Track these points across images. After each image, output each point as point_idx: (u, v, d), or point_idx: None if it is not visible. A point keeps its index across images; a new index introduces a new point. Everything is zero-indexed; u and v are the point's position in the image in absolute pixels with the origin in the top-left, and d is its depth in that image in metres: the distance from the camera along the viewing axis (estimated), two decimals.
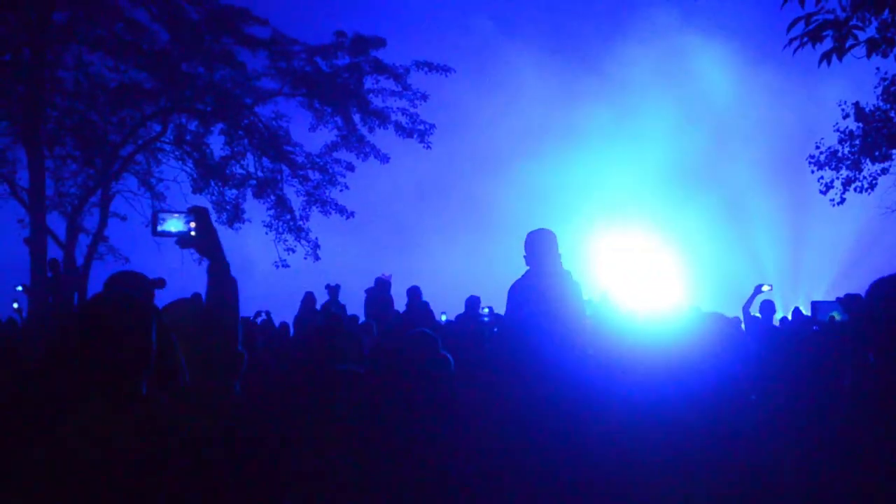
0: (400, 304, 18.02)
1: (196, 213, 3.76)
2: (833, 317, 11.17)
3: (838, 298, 11.15)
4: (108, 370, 3.34)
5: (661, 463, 5.06)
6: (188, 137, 26.34)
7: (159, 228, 3.76)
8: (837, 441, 4.63)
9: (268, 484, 4.10)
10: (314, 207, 26.91)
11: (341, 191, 26.95)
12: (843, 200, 26.67)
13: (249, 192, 26.87)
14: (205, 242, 3.76)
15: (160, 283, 5.35)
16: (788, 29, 8.88)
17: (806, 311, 14.83)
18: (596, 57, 47.26)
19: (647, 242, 27.98)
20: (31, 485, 3.10)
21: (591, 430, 5.61)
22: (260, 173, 26.69)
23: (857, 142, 25.63)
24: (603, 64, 45.07)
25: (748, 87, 41.39)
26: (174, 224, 3.75)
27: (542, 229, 8.11)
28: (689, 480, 4.95)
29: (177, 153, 26.58)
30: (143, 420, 3.34)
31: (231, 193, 27.00)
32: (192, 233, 3.75)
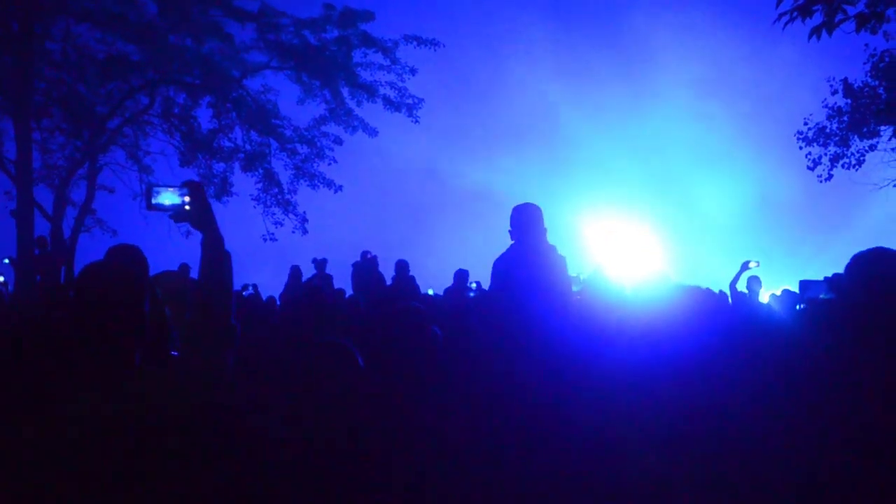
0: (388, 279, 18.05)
1: (190, 187, 3.74)
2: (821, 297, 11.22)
3: (826, 278, 11.18)
4: (101, 340, 3.35)
5: (644, 435, 5.10)
6: (176, 110, 26.36)
7: (153, 202, 3.73)
8: (815, 415, 4.66)
9: (258, 455, 4.12)
10: (302, 181, 26.92)
11: (329, 164, 27.04)
12: (830, 177, 26.70)
13: (237, 166, 26.95)
14: (199, 216, 3.74)
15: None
16: (778, 3, 8.87)
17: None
18: (605, 28, 47.41)
19: (643, 219, 28.06)
20: (24, 455, 3.11)
21: (576, 402, 5.63)
22: (248, 147, 26.75)
23: (846, 118, 25.64)
24: (612, 37, 45.22)
25: (762, 64, 41.47)
26: (168, 198, 3.73)
27: (528, 203, 8.02)
28: (669, 451, 4.99)
29: (164, 126, 26.61)
30: (136, 391, 3.35)
31: (219, 167, 27.13)
32: (187, 207, 3.73)
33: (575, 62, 45.04)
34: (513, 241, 7.97)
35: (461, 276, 16.54)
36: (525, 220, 7.89)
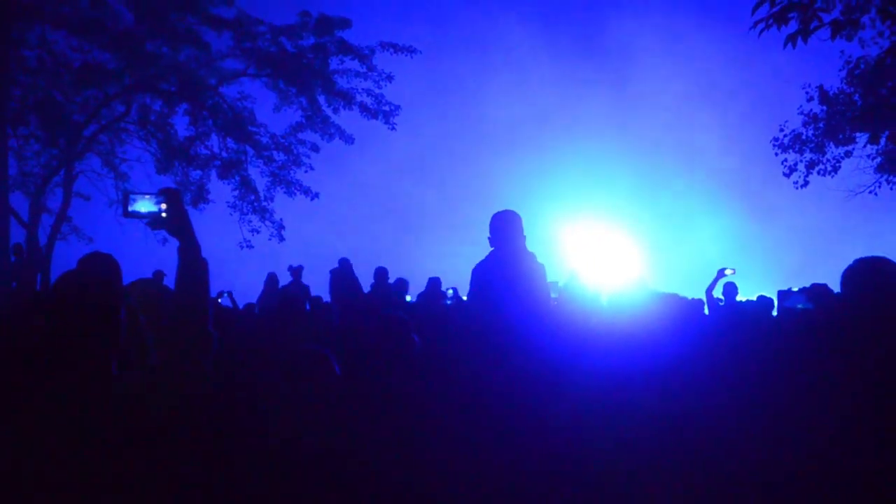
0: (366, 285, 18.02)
1: (167, 195, 3.74)
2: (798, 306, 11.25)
3: (803, 288, 11.20)
4: (77, 349, 3.34)
5: (621, 440, 5.11)
6: (152, 118, 26.25)
7: (130, 209, 3.73)
8: (790, 420, 4.69)
9: (236, 462, 4.11)
10: (279, 188, 26.86)
11: (306, 171, 27.00)
12: (806, 183, 26.78)
13: (214, 173, 26.86)
14: (175, 224, 3.74)
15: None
16: (753, 11, 8.89)
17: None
18: (591, 34, 47.49)
19: (625, 226, 28.19)
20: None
21: (554, 409, 5.64)
22: (224, 154, 26.67)
23: (821, 125, 25.73)
24: (597, 43, 45.38)
25: (749, 70, 41.58)
26: (145, 205, 3.73)
27: (507, 210, 7.97)
28: (647, 455, 5.01)
29: (141, 133, 26.51)
30: (112, 399, 3.34)
31: (195, 174, 27.01)
32: (163, 214, 3.73)
33: (560, 68, 45.08)
34: (492, 248, 7.94)
35: (434, 283, 16.55)
36: (504, 227, 7.86)
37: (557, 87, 43.65)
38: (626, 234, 27.57)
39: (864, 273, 4.70)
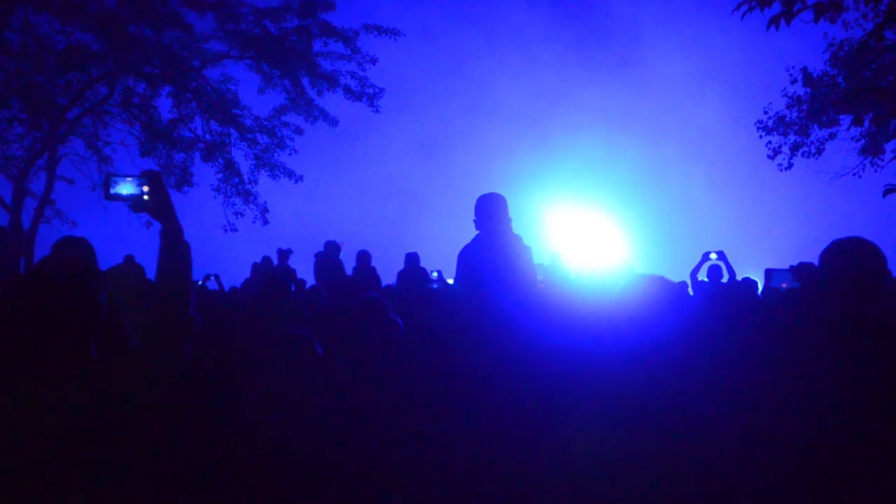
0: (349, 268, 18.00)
1: (149, 177, 3.71)
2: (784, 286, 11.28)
3: (791, 267, 11.23)
4: (57, 333, 3.32)
5: (606, 423, 5.12)
6: (135, 100, 26.20)
7: (112, 192, 3.70)
8: (776, 404, 4.70)
9: (217, 449, 4.11)
10: (263, 171, 26.86)
11: (290, 154, 26.99)
12: (790, 165, 26.84)
13: (197, 156, 26.83)
14: (158, 206, 3.72)
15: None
16: None
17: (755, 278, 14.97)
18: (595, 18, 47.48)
19: (610, 210, 28.22)
20: None
21: (539, 391, 5.65)
22: (208, 136, 26.68)
23: (805, 107, 25.77)
24: (602, 26, 45.33)
25: (751, 54, 41.61)
26: (126, 187, 3.70)
27: (493, 193, 7.95)
28: (631, 438, 5.02)
29: (124, 116, 26.45)
30: (92, 384, 3.33)
31: (179, 157, 27.00)
32: (145, 196, 3.71)
33: (560, 50, 45.05)
34: (478, 231, 7.94)
35: (411, 258, 16.52)
36: (489, 210, 7.85)
37: (554, 69, 43.62)
38: (615, 217, 27.59)
39: (841, 253, 4.71)
